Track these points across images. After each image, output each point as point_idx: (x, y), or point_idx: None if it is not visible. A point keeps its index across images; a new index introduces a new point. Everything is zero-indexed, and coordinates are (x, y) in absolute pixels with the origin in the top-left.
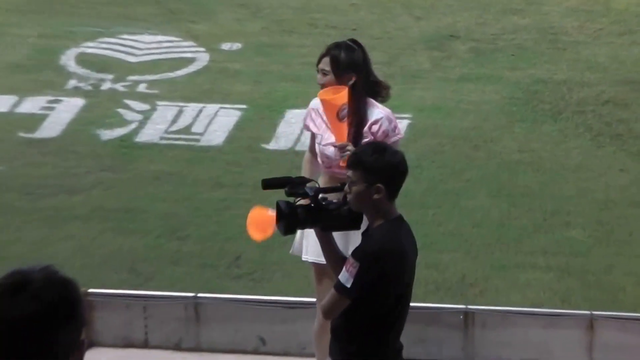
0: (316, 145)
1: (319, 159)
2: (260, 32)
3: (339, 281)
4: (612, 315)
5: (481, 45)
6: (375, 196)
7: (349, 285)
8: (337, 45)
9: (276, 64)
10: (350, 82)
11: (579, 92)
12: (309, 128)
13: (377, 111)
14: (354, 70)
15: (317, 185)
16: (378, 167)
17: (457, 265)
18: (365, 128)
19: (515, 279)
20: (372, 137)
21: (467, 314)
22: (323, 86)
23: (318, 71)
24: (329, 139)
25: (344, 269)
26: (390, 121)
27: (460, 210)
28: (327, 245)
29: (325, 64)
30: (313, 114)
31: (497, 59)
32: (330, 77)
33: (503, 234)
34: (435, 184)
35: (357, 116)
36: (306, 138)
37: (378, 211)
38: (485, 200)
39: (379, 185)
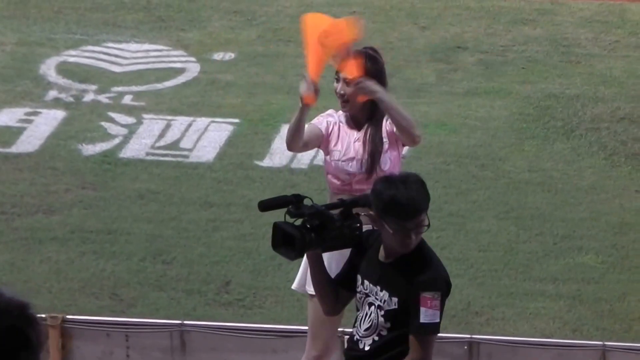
0: (329, 163)
1: (330, 181)
2: (255, 41)
3: (425, 325)
4: (627, 346)
5: (490, 57)
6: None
7: (438, 320)
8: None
9: (271, 75)
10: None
11: (593, 108)
12: (320, 125)
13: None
14: (378, 82)
15: (312, 202)
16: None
17: (462, 292)
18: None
19: (523, 307)
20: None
21: (472, 344)
22: (344, 98)
23: (338, 80)
24: (349, 153)
25: (421, 309)
26: None
27: (465, 234)
28: (318, 266)
29: None
30: (334, 127)
31: (506, 72)
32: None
33: (511, 259)
34: (440, 205)
35: (377, 129)
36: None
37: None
38: (492, 222)
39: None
